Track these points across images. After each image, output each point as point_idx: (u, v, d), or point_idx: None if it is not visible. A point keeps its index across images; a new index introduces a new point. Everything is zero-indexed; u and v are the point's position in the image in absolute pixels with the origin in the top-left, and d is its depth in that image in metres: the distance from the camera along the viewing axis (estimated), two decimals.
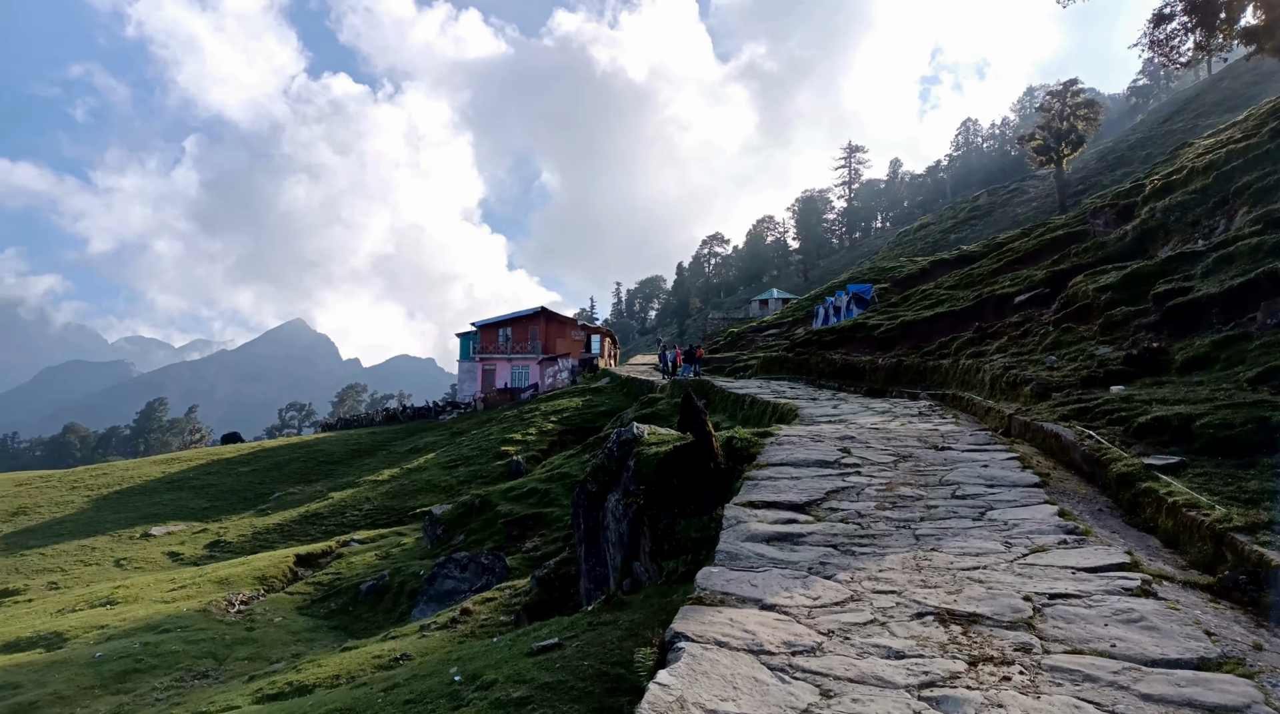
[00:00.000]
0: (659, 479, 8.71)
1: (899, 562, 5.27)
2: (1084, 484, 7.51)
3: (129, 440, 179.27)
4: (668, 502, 8.50)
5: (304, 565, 27.78)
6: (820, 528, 6.11)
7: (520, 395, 58.57)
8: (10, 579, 30.42)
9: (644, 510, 8.71)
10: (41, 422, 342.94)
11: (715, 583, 4.91)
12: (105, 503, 39.19)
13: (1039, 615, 4.31)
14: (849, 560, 5.32)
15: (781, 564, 5.27)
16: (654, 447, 9.20)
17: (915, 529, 6.04)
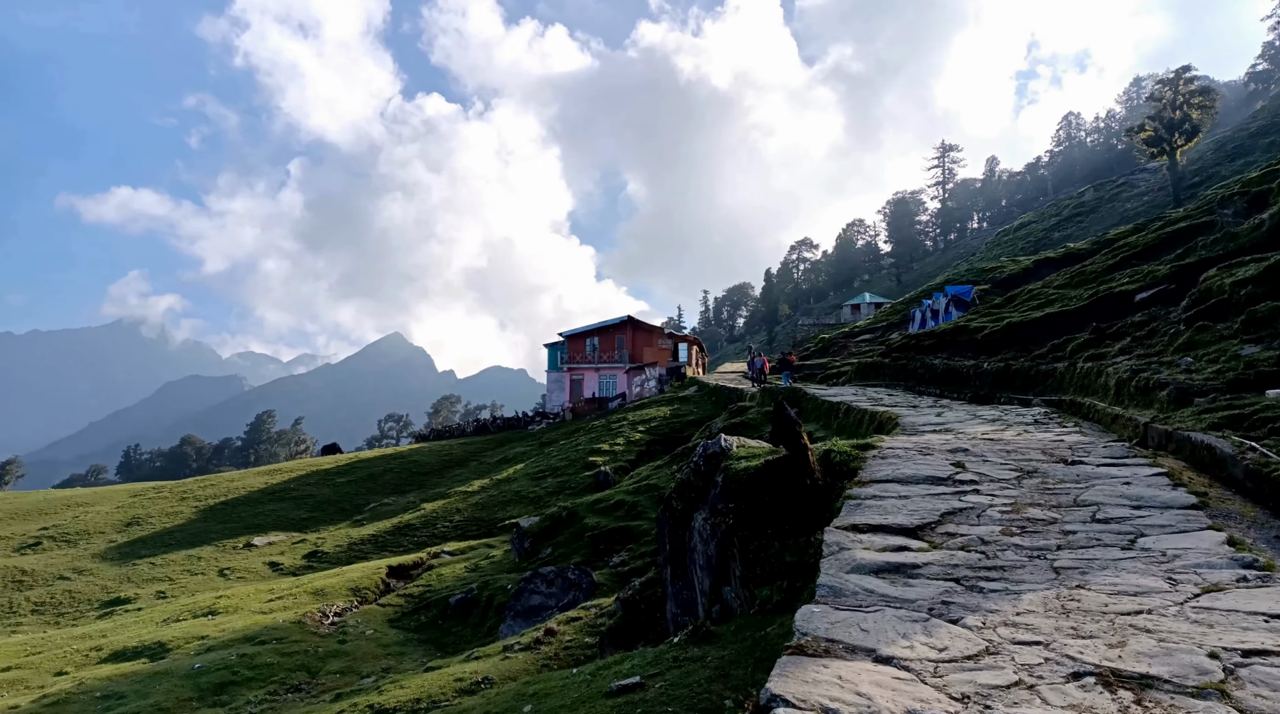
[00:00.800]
0: (750, 497, 7.97)
1: (1039, 602, 4.42)
2: (1250, 505, 6.43)
3: (240, 451, 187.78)
4: (759, 522, 7.75)
5: (396, 577, 27.94)
6: (937, 557, 5.28)
7: (608, 405, 58.34)
8: (122, 588, 31.65)
9: (733, 531, 7.98)
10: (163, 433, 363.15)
11: (818, 626, 4.16)
12: (212, 513, 40.56)
13: (1233, 679, 3.42)
14: (977, 599, 4.49)
15: (895, 602, 4.48)
16: (743, 461, 8.46)
17: (1053, 560, 5.15)
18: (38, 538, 37.84)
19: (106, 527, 39.34)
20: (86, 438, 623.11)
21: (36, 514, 42.05)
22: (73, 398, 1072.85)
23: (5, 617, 29.37)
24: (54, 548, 36.75)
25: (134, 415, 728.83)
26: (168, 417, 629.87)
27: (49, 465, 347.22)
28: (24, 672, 21.10)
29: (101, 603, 30.25)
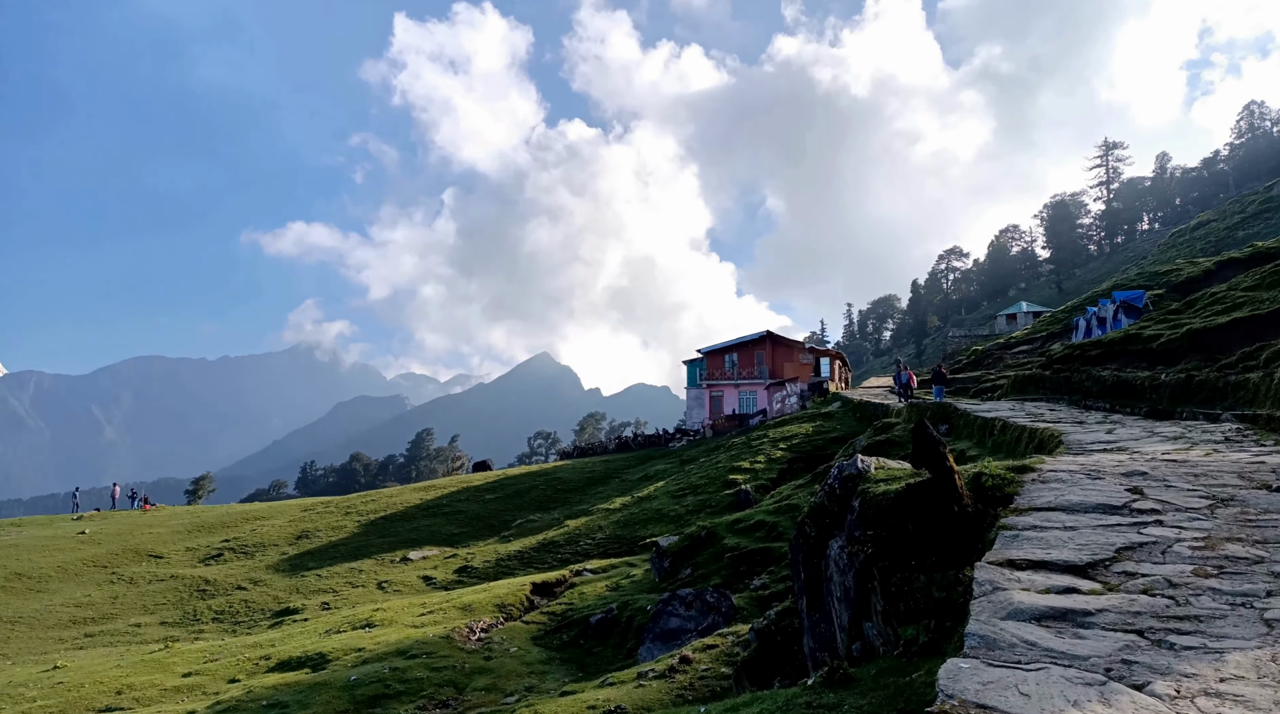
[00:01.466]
0: (890, 524, 7.29)
1: (1249, 664, 3.62)
2: None
3: (403, 468, 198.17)
4: (902, 552, 7.06)
5: (540, 594, 28.27)
6: (1114, 602, 4.49)
7: (748, 421, 57.44)
8: (291, 598, 33.60)
9: (872, 561, 7.31)
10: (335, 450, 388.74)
11: (966, 687, 3.53)
12: (372, 528, 42.60)
13: None
14: (1167, 658, 3.73)
15: (1062, 659, 3.78)
16: (882, 484, 7.77)
17: (1262, 609, 4.28)
18: (220, 550, 40.85)
19: (280, 539, 42.01)
20: (270, 455, 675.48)
21: (220, 527, 45.49)
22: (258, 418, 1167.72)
23: (190, 623, 31.75)
24: (234, 559, 39.56)
25: (311, 433, 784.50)
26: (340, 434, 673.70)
27: (238, 481, 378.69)
28: (202, 678, 22.53)
29: (273, 613, 32.19)
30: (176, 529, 45.06)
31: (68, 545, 41.20)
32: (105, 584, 36.19)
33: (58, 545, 41.08)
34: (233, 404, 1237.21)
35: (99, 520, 48.58)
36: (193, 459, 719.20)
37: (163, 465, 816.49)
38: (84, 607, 33.39)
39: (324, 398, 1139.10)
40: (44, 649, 28.88)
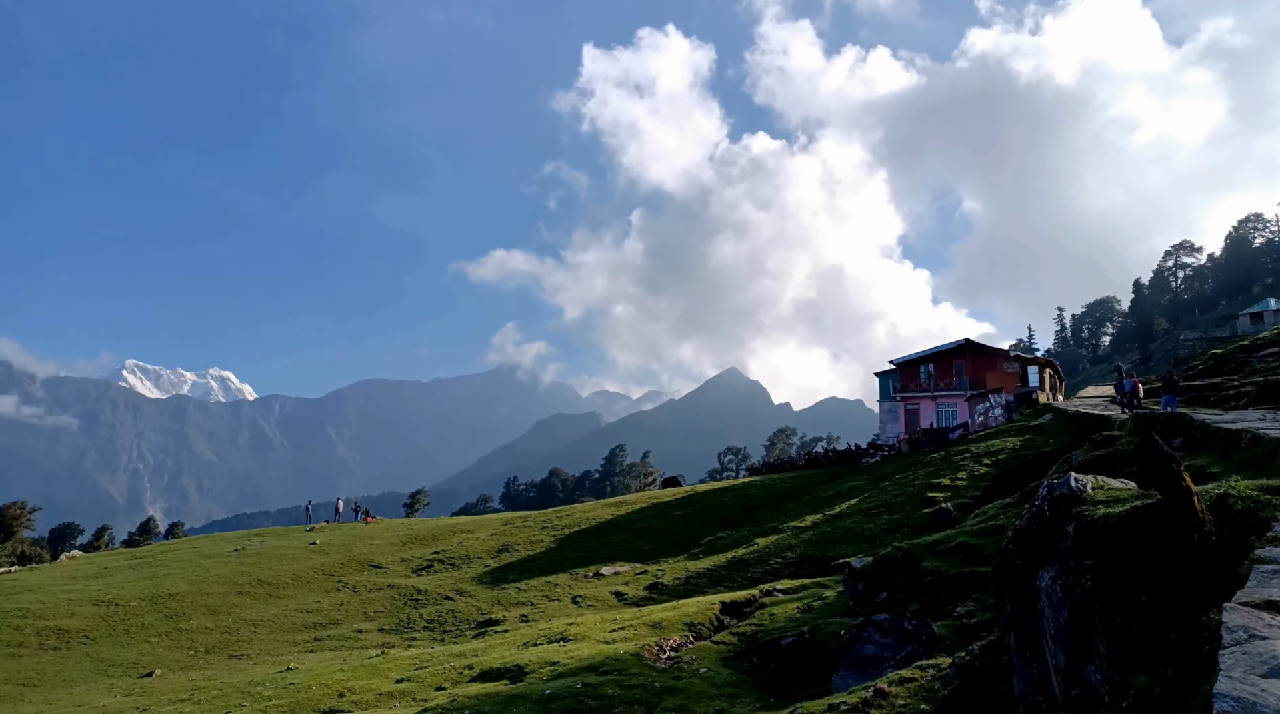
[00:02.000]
0: (1112, 553, 6.34)
1: None
2: None
3: (598, 483, 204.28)
4: (1128, 586, 6.11)
5: (729, 613, 27.83)
6: None
7: (947, 436, 54.23)
8: (493, 609, 35.08)
9: (1092, 596, 6.39)
10: (536, 466, 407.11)
11: None
12: (567, 542, 43.86)
13: None
14: None
15: None
16: (1102, 507, 6.80)
17: None
18: (430, 561, 43.47)
19: (483, 552, 44.13)
20: (478, 471, 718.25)
21: (430, 539, 48.48)
22: (467, 435, 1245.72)
23: (404, 630, 33.88)
24: (442, 570, 41.94)
25: (514, 450, 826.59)
26: (541, 451, 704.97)
27: (450, 495, 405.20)
28: (413, 684, 23.82)
29: (476, 623, 33.74)
30: (393, 541, 48.45)
31: (301, 554, 45.33)
32: (332, 591, 39.43)
33: (293, 554, 45.29)
34: (445, 422, 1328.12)
35: (328, 532, 53.25)
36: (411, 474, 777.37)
37: (386, 480, 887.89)
38: (314, 612, 36.50)
39: (525, 416, 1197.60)
40: (280, 651, 31.78)
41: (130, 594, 37.72)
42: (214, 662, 30.73)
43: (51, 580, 42.69)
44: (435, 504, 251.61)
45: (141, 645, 32.28)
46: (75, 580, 42.07)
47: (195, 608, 36.49)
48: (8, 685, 27.83)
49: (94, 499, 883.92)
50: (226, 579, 40.43)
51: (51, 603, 36.48)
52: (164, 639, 33.03)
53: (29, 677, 28.74)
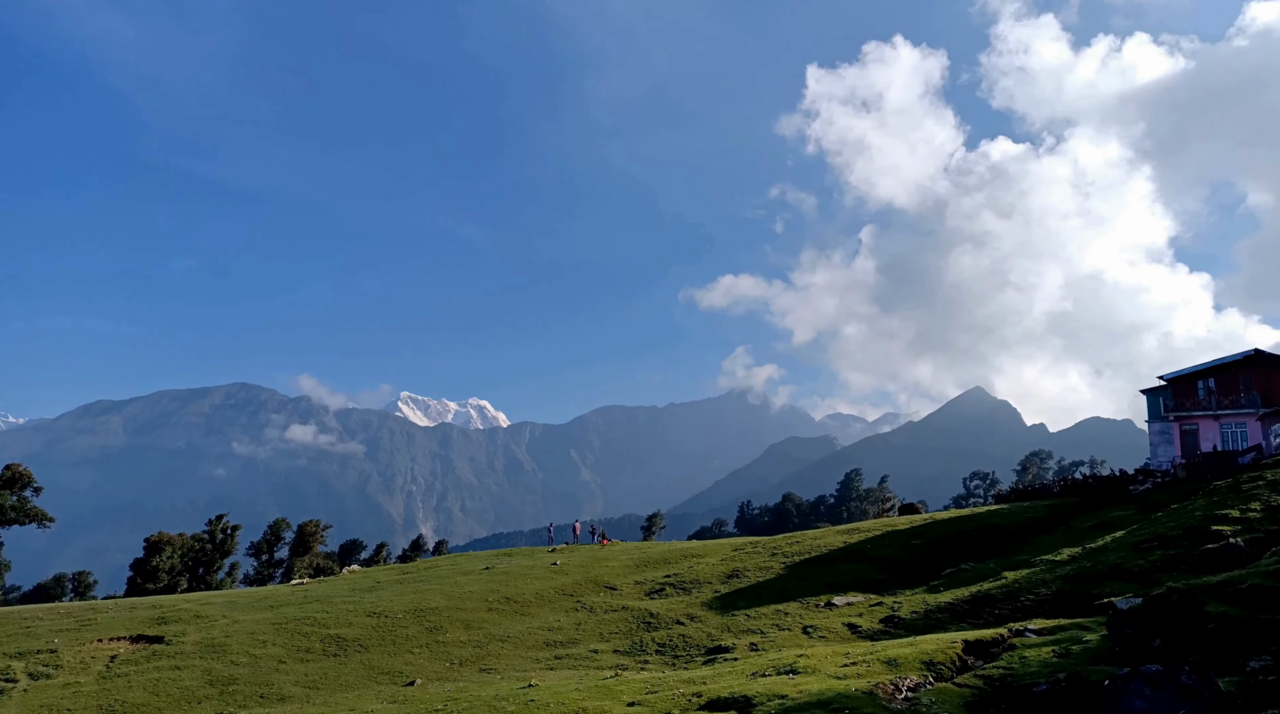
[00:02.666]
0: None
1: None
2: None
3: (833, 509, 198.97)
4: None
5: (973, 653, 25.79)
6: None
7: (1235, 460, 47.21)
8: (723, 636, 34.94)
9: None
10: (769, 490, 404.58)
11: None
12: (796, 570, 42.90)
13: None
14: None
15: None
16: None
17: None
18: (662, 584, 44.19)
19: (713, 577, 44.22)
20: (713, 494, 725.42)
21: (662, 563, 49.34)
22: (702, 459, 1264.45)
23: (637, 653, 34.58)
24: (674, 594, 42.47)
25: (747, 474, 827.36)
26: (774, 475, 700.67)
27: (685, 518, 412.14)
28: (643, 708, 24.09)
29: (706, 649, 33.75)
30: (627, 563, 49.82)
31: (544, 574, 47.77)
32: (571, 611, 41.13)
33: (536, 574, 47.85)
34: (680, 447, 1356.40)
35: (567, 553, 55.80)
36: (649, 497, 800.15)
37: (626, 503, 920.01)
38: (554, 630, 38.23)
39: (757, 439, 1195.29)
40: (523, 667, 33.53)
41: (397, 607, 41.51)
42: (466, 674, 32.98)
43: (334, 592, 48.00)
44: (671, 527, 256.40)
45: (405, 655, 35.34)
46: (354, 592, 47.00)
47: (451, 622, 39.44)
48: (297, 687, 31.48)
49: (377, 518, 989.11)
50: (478, 596, 43.40)
51: (334, 613, 40.93)
52: (424, 650, 35.96)
53: (314, 680, 32.35)
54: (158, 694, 30.71)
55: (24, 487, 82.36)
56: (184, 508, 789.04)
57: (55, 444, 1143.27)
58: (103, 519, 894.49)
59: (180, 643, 37.30)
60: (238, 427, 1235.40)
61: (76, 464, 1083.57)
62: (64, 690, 31.62)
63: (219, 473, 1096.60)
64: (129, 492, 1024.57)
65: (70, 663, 35.33)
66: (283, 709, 28.83)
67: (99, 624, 41.69)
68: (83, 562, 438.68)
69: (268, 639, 37.11)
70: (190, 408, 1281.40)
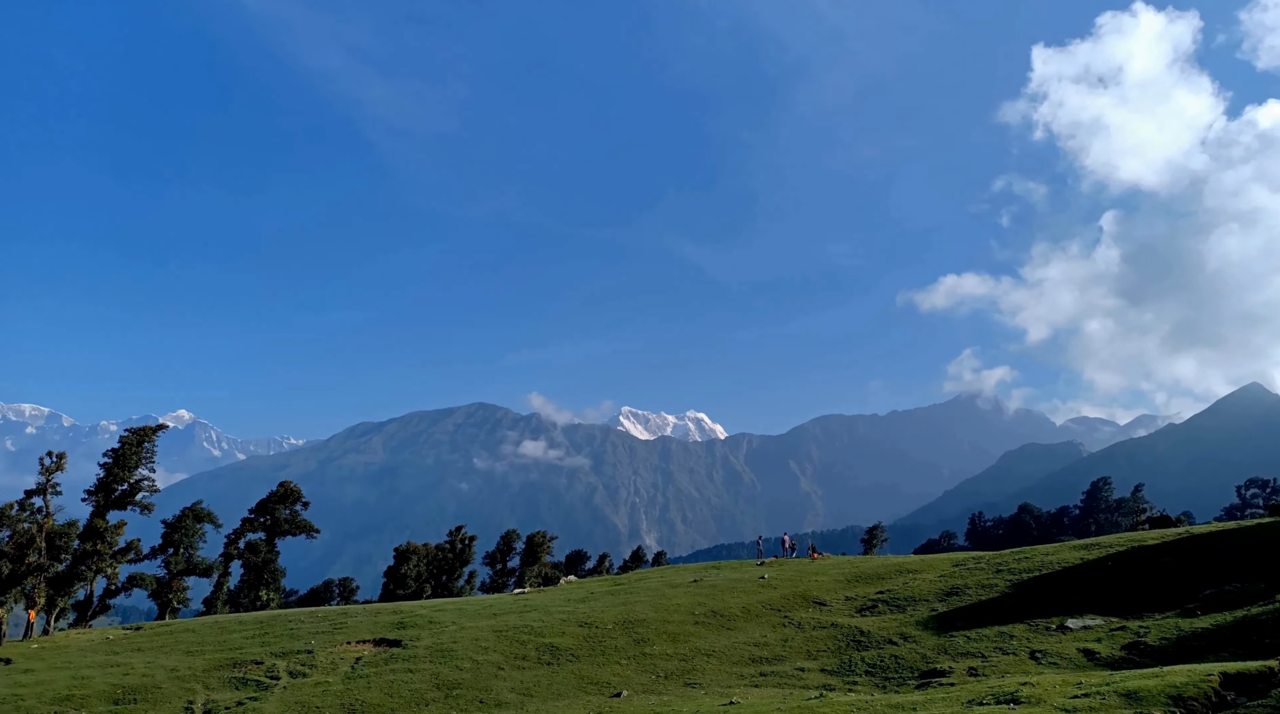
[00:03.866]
0: None
1: None
2: None
3: (1078, 521, 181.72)
4: None
5: (1233, 688, 22.36)
6: None
7: None
8: (939, 659, 32.73)
9: None
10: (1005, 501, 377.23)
11: None
12: (1024, 588, 39.44)
13: None
14: None
15: None
16: None
17: None
18: (874, 601, 42.22)
19: (929, 594, 41.66)
20: (942, 505, 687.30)
21: (875, 578, 47.17)
22: (929, 468, 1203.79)
23: (845, 673, 33.20)
24: (886, 611, 40.43)
25: (980, 484, 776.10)
26: (1010, 485, 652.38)
27: (912, 531, 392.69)
28: None
29: (919, 672, 31.76)
30: (838, 578, 48.11)
31: (751, 588, 47.17)
32: (778, 627, 40.27)
33: (743, 588, 47.34)
34: (904, 455, 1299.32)
35: (776, 567, 54.76)
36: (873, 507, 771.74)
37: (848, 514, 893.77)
38: (760, 646, 37.57)
39: (990, 447, 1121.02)
40: (727, 683, 33.17)
41: (607, 618, 42.57)
42: (671, 688, 33.14)
43: (551, 602, 50.08)
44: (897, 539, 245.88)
45: (614, 667, 36.11)
46: (568, 603, 48.80)
47: (658, 634, 39.86)
48: (513, 694, 33.04)
49: (604, 529, 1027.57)
50: (685, 609, 43.59)
51: (550, 622, 42.68)
52: (631, 662, 36.57)
53: (528, 687, 33.83)
54: (391, 695, 33.38)
55: (294, 502, 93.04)
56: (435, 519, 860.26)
57: (328, 463, 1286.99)
58: (369, 530, 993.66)
59: (414, 647, 40.39)
60: (478, 443, 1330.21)
61: (345, 481, 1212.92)
62: (315, 689, 35.17)
63: (463, 487, 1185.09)
64: (389, 505, 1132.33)
65: (323, 663, 39.28)
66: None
67: (349, 627, 46.10)
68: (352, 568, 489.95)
69: (489, 645, 39.32)
70: (437, 427, 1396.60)
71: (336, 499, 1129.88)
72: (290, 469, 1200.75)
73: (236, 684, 37.22)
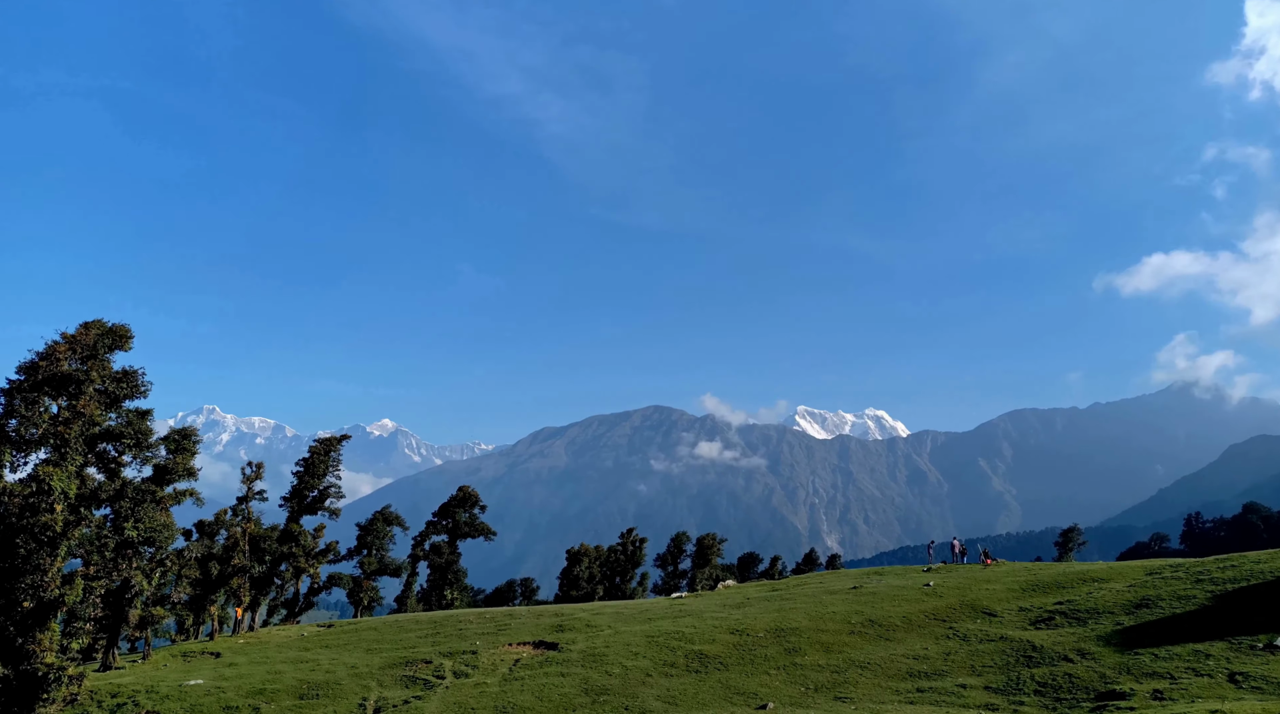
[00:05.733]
0: None
1: None
2: None
3: None
4: None
5: None
6: None
7: None
8: (1120, 679, 29.64)
9: None
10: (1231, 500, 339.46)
11: None
12: (1228, 600, 35.02)
13: None
14: None
15: None
16: None
17: None
18: (1051, 612, 38.91)
19: (1115, 606, 37.91)
20: (1155, 505, 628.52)
21: (1054, 587, 43.49)
22: (1138, 465, 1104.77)
23: (1011, 692, 30.66)
24: (1064, 624, 37.14)
25: (1201, 481, 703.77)
26: (1237, 482, 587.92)
27: (1119, 533, 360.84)
28: None
29: (1096, 693, 28.87)
30: (1012, 586, 44.78)
31: (914, 596, 44.75)
32: (940, 639, 37.90)
33: (905, 596, 44.98)
34: (1109, 451, 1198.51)
35: (944, 573, 51.66)
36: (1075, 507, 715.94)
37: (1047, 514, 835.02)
38: (920, 659, 35.46)
39: (1211, 441, 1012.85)
40: (880, 698, 31.51)
41: (759, 625, 41.67)
42: (820, 701, 31.90)
43: (706, 607, 49.70)
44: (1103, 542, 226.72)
45: (762, 677, 35.22)
46: (723, 608, 48.23)
47: (811, 644, 38.56)
48: (658, 702, 32.91)
49: (783, 530, 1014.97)
50: (841, 617, 41.96)
51: (701, 629, 42.32)
52: (781, 673, 35.55)
53: (674, 695, 33.60)
54: (541, 699, 34.16)
55: (473, 505, 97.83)
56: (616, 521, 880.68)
57: (515, 467, 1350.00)
58: (555, 530, 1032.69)
59: (569, 650, 41.22)
60: (654, 445, 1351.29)
61: (532, 484, 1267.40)
62: (474, 690, 36.60)
63: (641, 488, 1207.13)
64: (573, 505, 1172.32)
65: (484, 664, 40.86)
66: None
67: (512, 629, 47.77)
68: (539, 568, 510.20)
69: (640, 651, 39.48)
70: (615, 431, 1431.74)
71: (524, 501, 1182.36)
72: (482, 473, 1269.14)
73: (406, 683, 39.38)
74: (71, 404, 36.07)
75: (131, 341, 38.34)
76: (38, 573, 32.10)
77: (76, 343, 36.44)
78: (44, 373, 35.24)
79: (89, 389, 36.45)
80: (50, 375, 35.33)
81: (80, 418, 35.55)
